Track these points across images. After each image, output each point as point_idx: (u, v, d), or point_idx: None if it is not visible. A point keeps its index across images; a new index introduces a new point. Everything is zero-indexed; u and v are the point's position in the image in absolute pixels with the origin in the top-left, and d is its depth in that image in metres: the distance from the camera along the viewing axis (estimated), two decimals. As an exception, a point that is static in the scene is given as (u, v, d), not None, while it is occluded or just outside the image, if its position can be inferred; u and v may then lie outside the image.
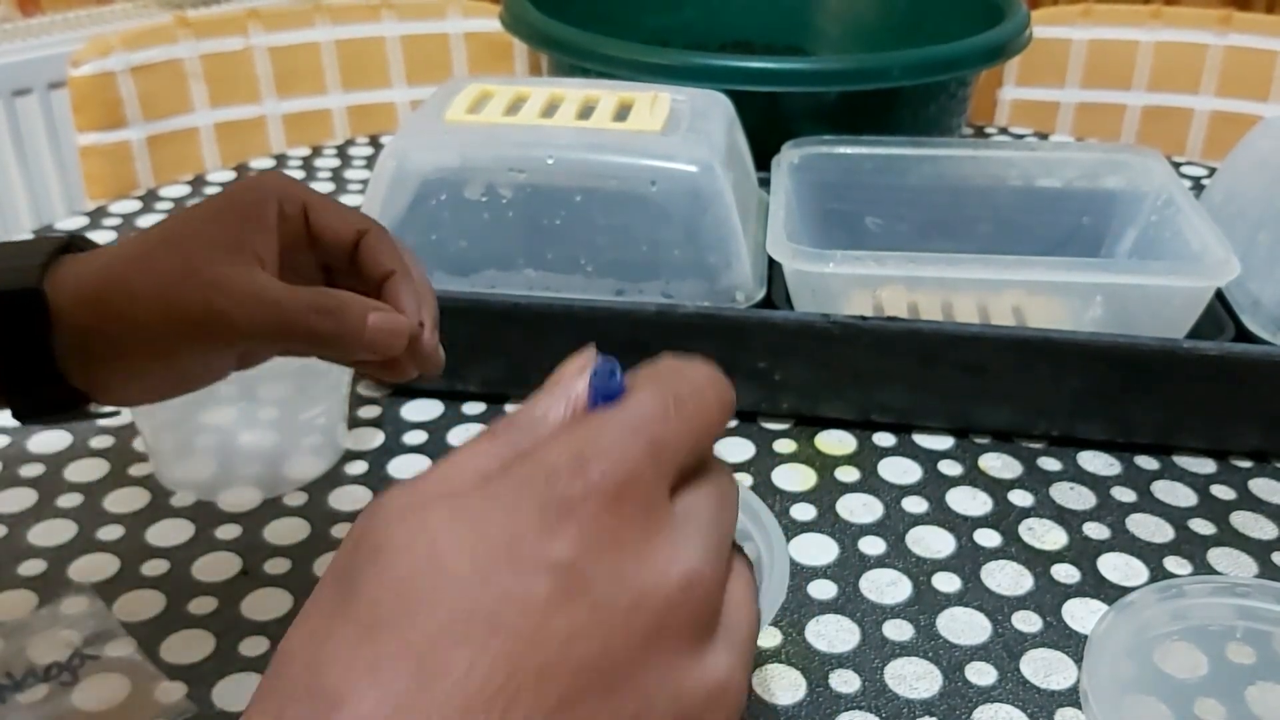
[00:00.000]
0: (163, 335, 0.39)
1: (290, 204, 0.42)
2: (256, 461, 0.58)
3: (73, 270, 0.40)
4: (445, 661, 0.21)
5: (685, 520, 0.24)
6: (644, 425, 0.24)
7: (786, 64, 0.83)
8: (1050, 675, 0.48)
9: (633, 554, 0.23)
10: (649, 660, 0.22)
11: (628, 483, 0.23)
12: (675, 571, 0.23)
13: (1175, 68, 1.13)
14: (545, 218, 0.64)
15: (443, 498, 0.23)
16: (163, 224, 0.42)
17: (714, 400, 0.26)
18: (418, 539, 0.22)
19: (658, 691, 0.23)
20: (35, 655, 0.47)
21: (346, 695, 0.21)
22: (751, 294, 0.65)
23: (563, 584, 0.22)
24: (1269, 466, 0.62)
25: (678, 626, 0.23)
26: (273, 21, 1.11)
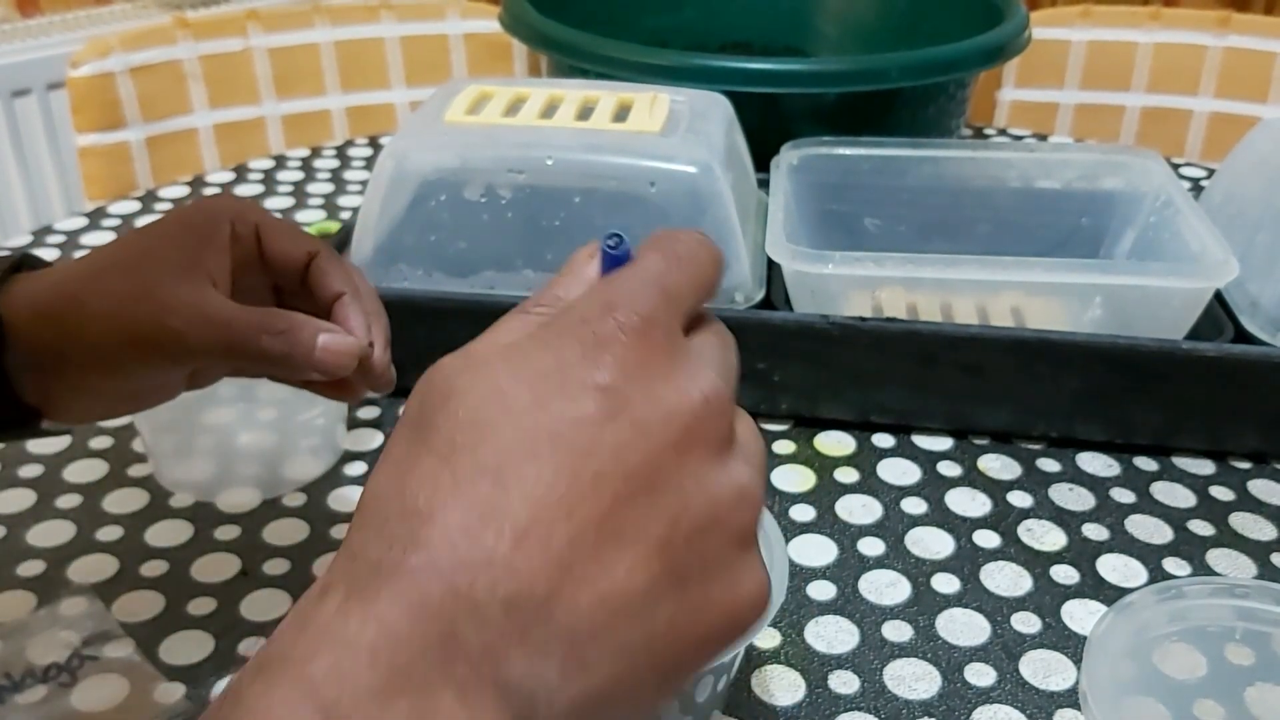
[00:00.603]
0: (115, 354, 0.40)
1: (243, 225, 0.43)
2: (255, 462, 0.58)
3: (26, 288, 0.41)
4: (517, 474, 0.25)
5: (698, 353, 0.28)
6: (655, 277, 0.28)
7: (786, 65, 0.83)
8: (1049, 676, 0.48)
9: (661, 377, 0.26)
10: (683, 465, 0.26)
11: (649, 321, 0.27)
12: (697, 390, 0.27)
13: (1174, 69, 1.14)
14: (544, 218, 0.64)
15: (494, 354, 0.27)
16: (116, 243, 0.43)
17: (707, 257, 0.30)
18: (481, 382, 0.26)
19: (694, 491, 0.26)
20: (34, 656, 0.47)
21: (436, 509, 0.24)
22: (751, 295, 0.65)
23: (607, 404, 0.26)
24: (1268, 467, 0.62)
25: (704, 436, 0.27)
26: (272, 22, 1.11)
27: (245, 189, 0.95)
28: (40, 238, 0.86)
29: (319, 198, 0.94)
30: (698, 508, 0.26)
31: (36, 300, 0.41)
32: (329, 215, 0.91)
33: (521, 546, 0.24)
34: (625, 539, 0.25)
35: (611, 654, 0.25)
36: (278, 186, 0.96)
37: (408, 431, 0.26)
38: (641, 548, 0.25)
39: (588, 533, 0.25)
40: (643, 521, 0.25)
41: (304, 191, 0.95)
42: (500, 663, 0.24)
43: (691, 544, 0.26)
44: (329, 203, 0.93)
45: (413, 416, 0.27)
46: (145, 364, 0.41)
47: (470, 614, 0.24)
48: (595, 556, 0.25)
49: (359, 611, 0.24)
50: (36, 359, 0.41)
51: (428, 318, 0.62)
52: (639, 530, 0.25)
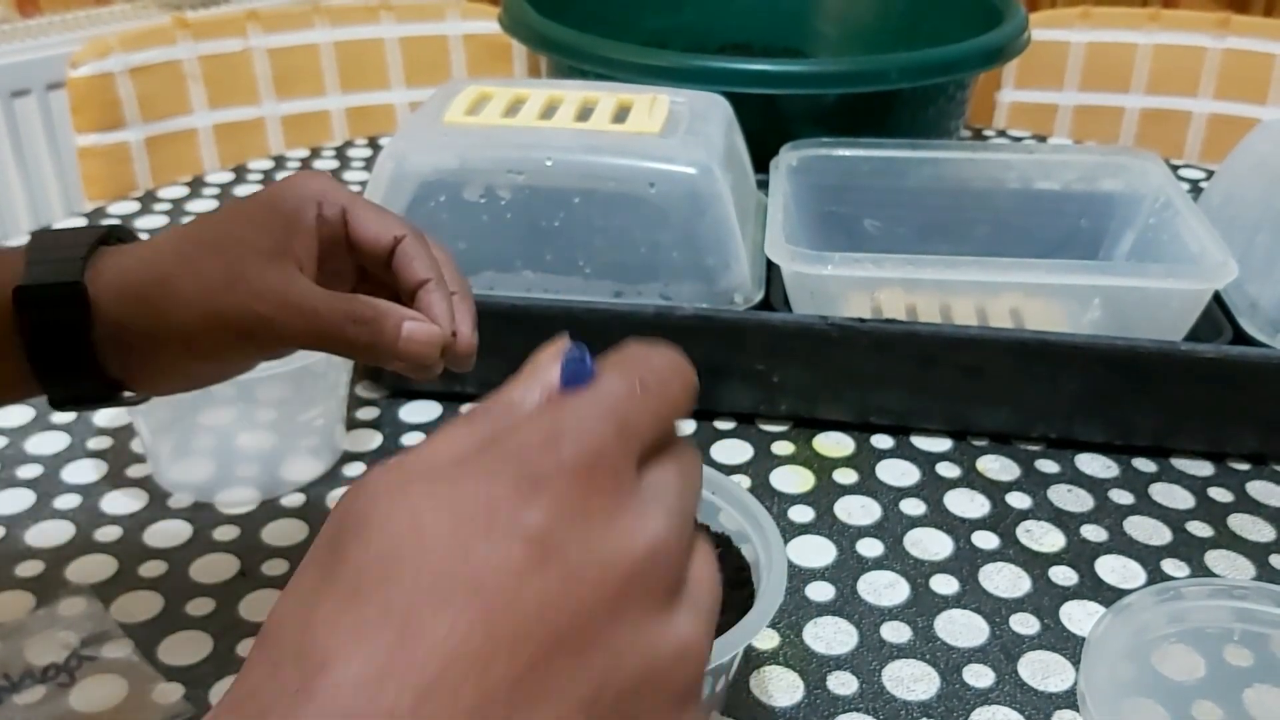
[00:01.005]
0: (202, 336, 0.40)
1: (330, 208, 0.43)
2: (254, 463, 0.58)
3: (115, 264, 0.41)
4: (426, 624, 0.22)
5: (651, 494, 0.26)
6: (612, 406, 0.26)
7: (785, 66, 0.83)
8: (1048, 677, 0.48)
9: (601, 524, 0.24)
10: (618, 622, 0.24)
11: (596, 458, 0.25)
12: (641, 540, 0.25)
13: (1173, 70, 1.14)
14: (544, 219, 0.64)
15: (421, 477, 0.25)
16: (204, 222, 0.43)
17: (677, 384, 0.28)
18: (400, 512, 0.24)
19: (627, 651, 0.24)
20: (33, 656, 0.47)
21: (333, 657, 0.22)
22: (750, 296, 0.65)
23: (536, 551, 0.23)
24: (1266, 469, 0.62)
25: (645, 590, 0.24)
26: (272, 23, 1.11)
27: (245, 190, 0.95)
28: (39, 238, 0.86)
29: (318, 198, 0.94)
30: (631, 667, 0.24)
31: (125, 279, 0.40)
32: (328, 216, 0.90)
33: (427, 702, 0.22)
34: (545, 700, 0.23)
35: None
36: (277, 187, 0.96)
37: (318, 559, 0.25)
38: (564, 708, 0.23)
39: (502, 689, 0.22)
40: (566, 682, 0.23)
41: (303, 192, 0.95)
42: None
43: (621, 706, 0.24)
44: (328, 203, 0.93)
45: (326, 541, 0.25)
46: (231, 346, 0.41)
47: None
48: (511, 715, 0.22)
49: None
50: (122, 336, 0.41)
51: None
52: (561, 692, 0.23)
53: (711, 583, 0.27)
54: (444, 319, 0.43)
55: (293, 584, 0.25)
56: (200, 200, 0.93)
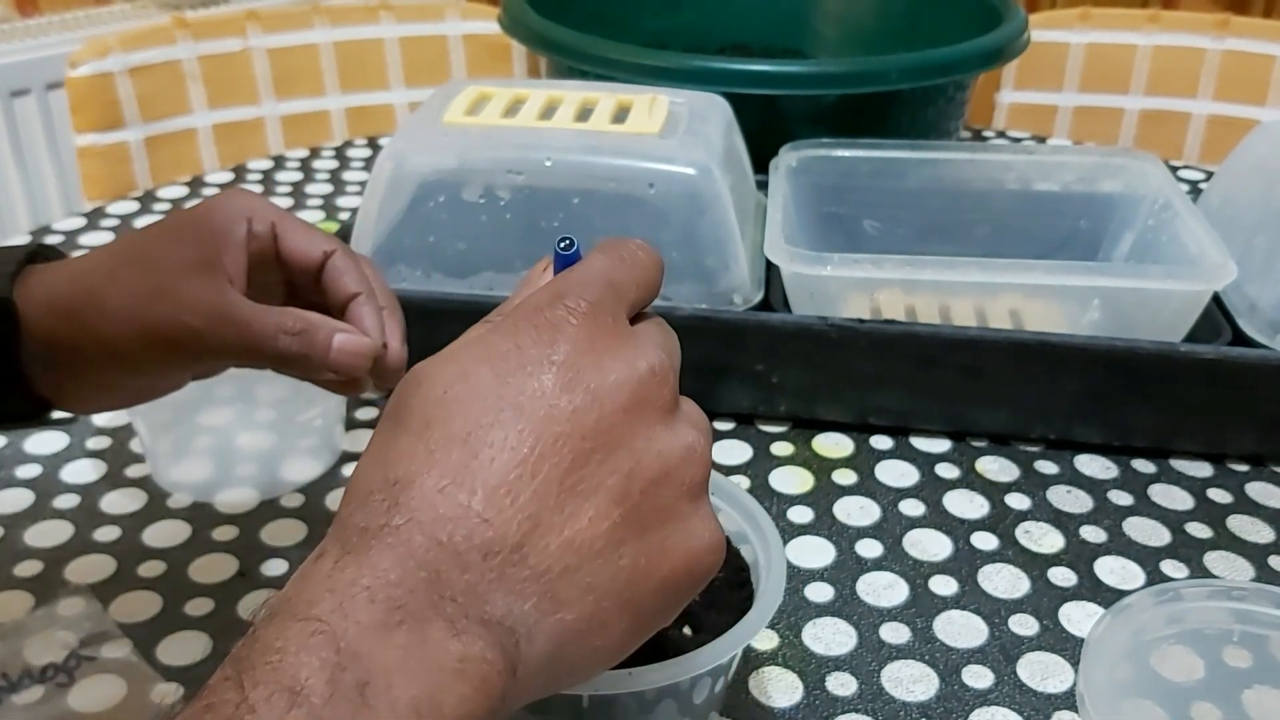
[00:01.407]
0: (132, 350, 0.41)
1: (259, 223, 0.43)
2: (253, 463, 0.58)
3: (43, 280, 0.41)
4: (485, 439, 0.28)
5: (642, 334, 0.32)
6: (600, 272, 0.32)
7: (785, 67, 0.83)
8: (1047, 678, 0.48)
9: (609, 354, 0.30)
10: (634, 426, 0.30)
11: (595, 306, 0.31)
12: (642, 362, 0.30)
13: (1173, 72, 1.14)
14: (543, 220, 0.64)
15: (460, 345, 0.30)
16: (132, 237, 0.43)
17: (649, 260, 0.34)
18: (448, 367, 0.30)
19: (644, 450, 0.30)
20: (31, 656, 0.47)
21: (414, 477, 0.28)
22: (749, 296, 0.65)
23: (562, 376, 0.29)
24: (1265, 470, 0.62)
25: (650, 401, 0.30)
26: (271, 23, 1.11)
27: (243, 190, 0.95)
28: (38, 238, 0.86)
29: (318, 198, 0.94)
30: (650, 463, 0.29)
31: (54, 295, 0.41)
32: (328, 216, 0.91)
33: (493, 501, 0.27)
34: (586, 491, 0.28)
35: (580, 591, 0.28)
36: (276, 187, 0.96)
37: (387, 420, 0.30)
38: (601, 498, 0.29)
39: (551, 487, 0.28)
40: (601, 475, 0.29)
41: (303, 192, 0.95)
42: (482, 600, 0.27)
43: (647, 495, 0.29)
44: (328, 203, 0.93)
45: (391, 408, 0.30)
46: (161, 361, 0.42)
47: (452, 560, 0.27)
48: (560, 507, 0.28)
49: (354, 564, 0.26)
50: (51, 353, 0.41)
51: (426, 319, 0.61)
52: (598, 483, 0.29)
53: (698, 411, 0.32)
54: (375, 331, 0.44)
55: (369, 446, 0.30)
56: (200, 200, 0.93)
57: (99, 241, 0.85)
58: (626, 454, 0.29)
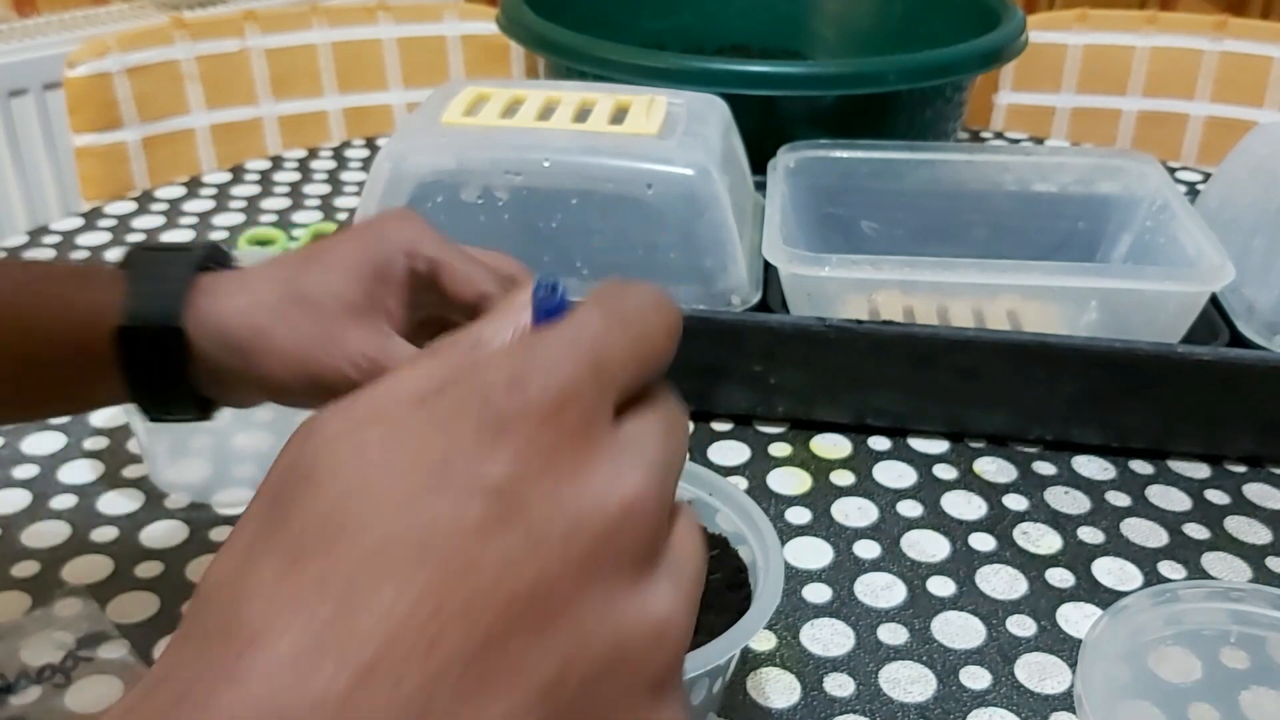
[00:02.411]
0: (296, 389, 0.42)
1: (420, 261, 0.44)
2: (251, 463, 0.58)
3: (213, 310, 0.42)
4: (369, 593, 0.20)
5: (628, 443, 0.23)
6: (586, 342, 0.23)
7: (783, 68, 0.83)
8: (1045, 679, 0.48)
9: (570, 475, 0.21)
10: (585, 592, 0.21)
11: (567, 398, 0.22)
12: (615, 495, 0.22)
13: (1171, 73, 1.14)
14: (541, 220, 0.64)
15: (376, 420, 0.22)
16: (298, 269, 0.43)
17: (659, 324, 0.25)
18: (348, 463, 0.21)
19: (595, 627, 0.21)
20: (28, 657, 0.47)
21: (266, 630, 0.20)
22: (747, 297, 0.65)
23: (496, 507, 0.21)
24: (1263, 471, 0.62)
25: (617, 555, 0.22)
26: (269, 23, 1.11)
27: (242, 190, 0.95)
28: (36, 238, 0.86)
29: (315, 199, 0.94)
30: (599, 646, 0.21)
31: (224, 329, 0.42)
32: (325, 216, 0.90)
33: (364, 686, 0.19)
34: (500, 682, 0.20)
35: None
36: (274, 187, 0.96)
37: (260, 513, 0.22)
38: (519, 694, 0.20)
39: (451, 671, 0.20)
40: (525, 661, 0.20)
41: (301, 192, 0.95)
42: None
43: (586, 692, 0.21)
44: (325, 204, 0.93)
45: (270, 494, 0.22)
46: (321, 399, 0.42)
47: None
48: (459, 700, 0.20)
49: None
50: (218, 375, 0.43)
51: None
52: (518, 672, 0.20)
53: (694, 552, 0.24)
54: None
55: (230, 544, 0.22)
56: (197, 201, 0.93)
57: (97, 242, 0.85)
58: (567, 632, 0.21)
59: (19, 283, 0.43)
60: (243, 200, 0.93)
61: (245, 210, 0.91)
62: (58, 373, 0.43)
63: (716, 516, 0.48)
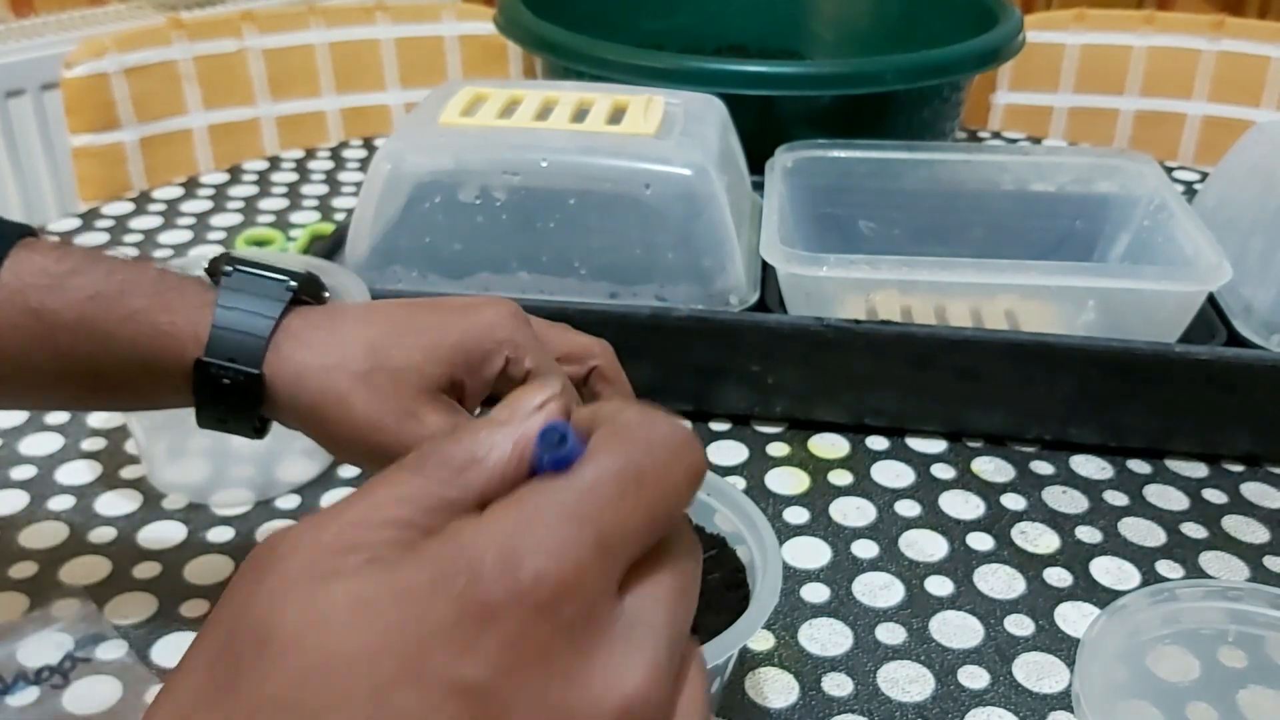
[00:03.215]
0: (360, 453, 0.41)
1: (515, 365, 0.42)
2: (249, 464, 0.58)
3: (297, 362, 0.41)
4: None
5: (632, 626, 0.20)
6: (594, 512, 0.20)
7: (781, 68, 0.83)
8: (1042, 679, 0.48)
9: (562, 676, 0.19)
10: None
11: (566, 584, 0.19)
12: (613, 696, 0.19)
13: (1168, 73, 1.14)
14: (539, 220, 0.64)
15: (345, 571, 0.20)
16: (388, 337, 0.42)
17: (681, 474, 0.22)
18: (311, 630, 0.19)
19: None
20: (26, 658, 0.47)
21: None
22: (745, 297, 0.65)
23: (472, 713, 0.19)
24: (1260, 470, 0.62)
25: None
26: (267, 24, 1.11)
27: (240, 190, 0.95)
28: (34, 238, 0.85)
29: (313, 199, 0.94)
30: None
31: (304, 384, 0.40)
32: (323, 217, 0.90)
33: None
34: None
35: None
36: (272, 188, 0.96)
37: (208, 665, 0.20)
38: None
39: None
40: None
41: (298, 193, 0.95)
42: None
43: None
44: (323, 204, 0.93)
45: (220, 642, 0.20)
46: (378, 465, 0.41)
47: None
48: None
49: None
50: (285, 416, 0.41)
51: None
52: None
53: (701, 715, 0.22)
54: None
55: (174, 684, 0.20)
56: (195, 201, 0.93)
57: (94, 242, 0.85)
58: None
59: (99, 289, 0.41)
60: (240, 201, 0.93)
61: (243, 211, 0.91)
62: (130, 384, 0.42)
63: (715, 516, 0.48)
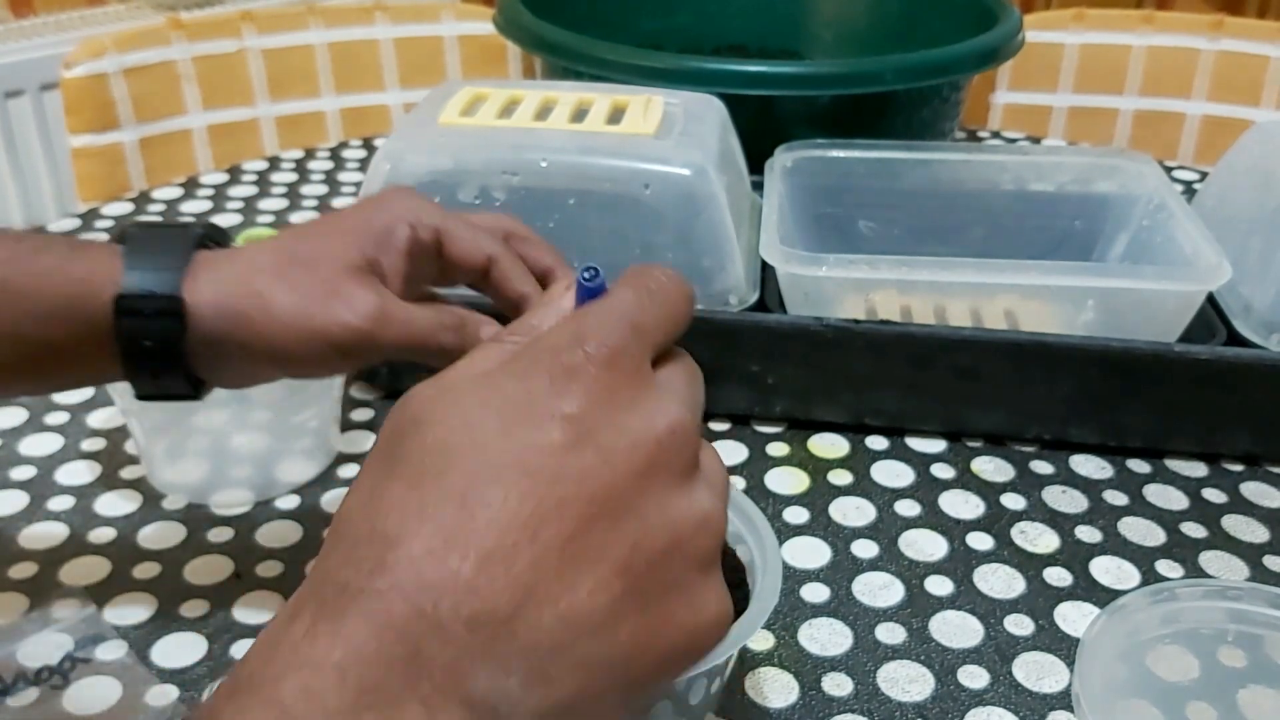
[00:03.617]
0: (298, 350, 0.42)
1: (423, 230, 0.45)
2: (248, 464, 0.58)
3: (211, 278, 0.42)
4: (482, 499, 0.26)
5: (665, 385, 0.30)
6: (625, 311, 0.30)
7: (780, 68, 0.83)
8: (1042, 678, 0.48)
9: (627, 407, 0.28)
10: (646, 491, 0.27)
11: (616, 353, 0.28)
12: (662, 420, 0.28)
13: (1167, 72, 1.14)
14: (539, 220, 0.64)
15: (467, 383, 0.28)
16: (294, 237, 0.44)
17: (679, 294, 0.32)
18: (450, 410, 0.27)
19: (655, 518, 0.27)
20: (26, 659, 0.47)
21: (403, 535, 0.25)
22: (745, 297, 0.65)
23: (572, 432, 0.27)
24: (1260, 470, 0.62)
25: (667, 464, 0.28)
26: (266, 24, 1.11)
27: (239, 190, 0.95)
28: (33, 239, 0.85)
29: (313, 199, 0.94)
30: (659, 532, 0.27)
31: (221, 296, 0.42)
32: (323, 217, 0.90)
33: (485, 568, 0.25)
34: (588, 561, 0.26)
35: (572, 669, 0.26)
36: (272, 188, 0.96)
37: (379, 459, 0.28)
38: (604, 569, 0.26)
39: (551, 555, 0.26)
40: (605, 544, 0.26)
41: (298, 193, 0.95)
42: (464, 678, 0.25)
43: (653, 567, 0.27)
44: (323, 204, 0.93)
45: (384, 444, 0.28)
46: (324, 359, 0.43)
47: (435, 633, 0.25)
48: (558, 577, 0.26)
49: (327, 632, 0.25)
50: (217, 348, 0.42)
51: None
52: (601, 553, 0.26)
53: (720, 468, 0.30)
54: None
55: (357, 483, 0.28)
56: (195, 201, 0.93)
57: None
58: (635, 522, 0.27)
59: (11, 253, 0.42)
60: (240, 201, 0.93)
61: (242, 211, 0.91)
62: (51, 344, 0.42)
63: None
